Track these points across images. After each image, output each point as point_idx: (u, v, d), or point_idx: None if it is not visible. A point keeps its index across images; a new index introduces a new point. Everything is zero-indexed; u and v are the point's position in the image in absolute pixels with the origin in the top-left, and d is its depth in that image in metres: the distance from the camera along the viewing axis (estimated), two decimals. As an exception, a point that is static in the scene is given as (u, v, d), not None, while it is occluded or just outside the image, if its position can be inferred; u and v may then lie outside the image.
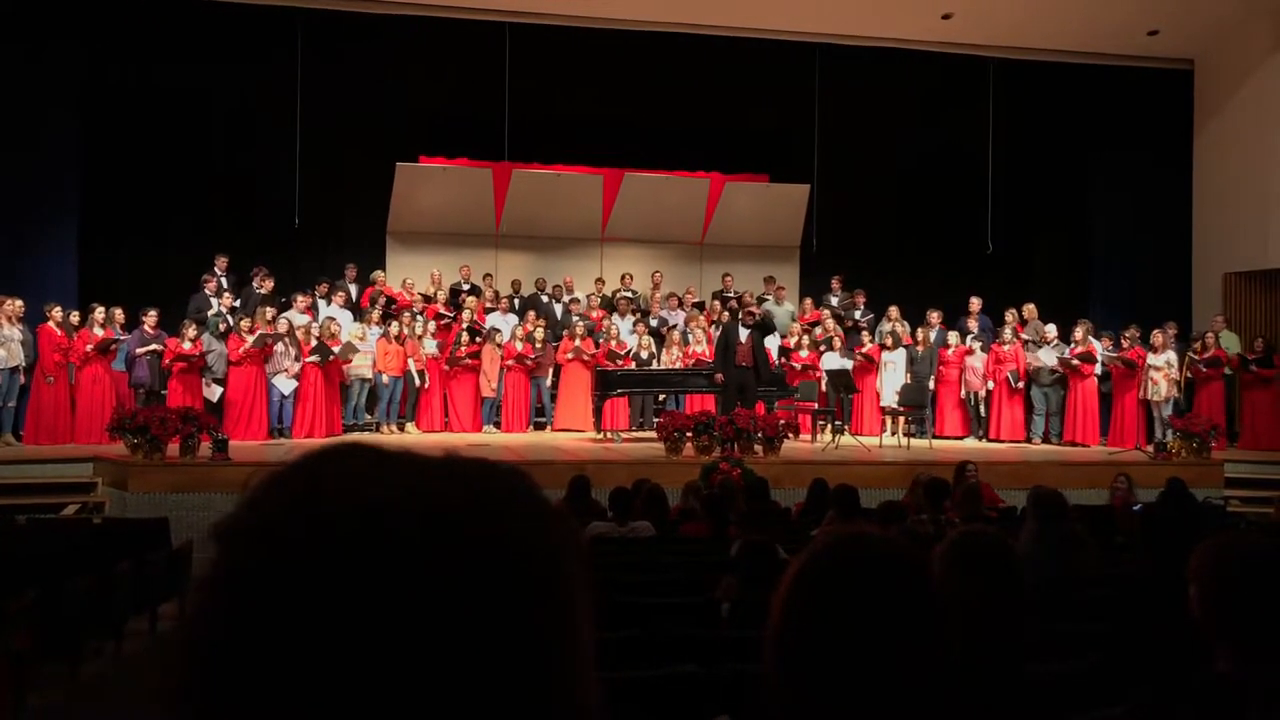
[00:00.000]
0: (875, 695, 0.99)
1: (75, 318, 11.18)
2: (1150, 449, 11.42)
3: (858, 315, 13.92)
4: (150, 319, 11.28)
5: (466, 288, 13.71)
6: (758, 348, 11.21)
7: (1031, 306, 13.42)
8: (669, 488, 6.93)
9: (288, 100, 13.22)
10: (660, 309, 14.06)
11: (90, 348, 10.91)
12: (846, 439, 11.71)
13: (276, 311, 11.62)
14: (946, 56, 14.61)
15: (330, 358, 11.50)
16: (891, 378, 12.82)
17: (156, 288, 12.05)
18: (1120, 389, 12.50)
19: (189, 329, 11.12)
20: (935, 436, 12.56)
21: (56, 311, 10.99)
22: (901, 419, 12.05)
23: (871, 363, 13.07)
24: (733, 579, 4.06)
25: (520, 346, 12.60)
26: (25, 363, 10.86)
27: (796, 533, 5.87)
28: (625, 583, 4.46)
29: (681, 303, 14.06)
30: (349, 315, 12.50)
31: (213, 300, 11.92)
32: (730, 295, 13.99)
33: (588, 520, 6.17)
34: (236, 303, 12.03)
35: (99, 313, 11.14)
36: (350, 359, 11.73)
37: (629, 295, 13.98)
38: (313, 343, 11.50)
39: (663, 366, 12.63)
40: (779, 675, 1.03)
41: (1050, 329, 12.88)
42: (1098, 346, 12.54)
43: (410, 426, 12.43)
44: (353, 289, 13.23)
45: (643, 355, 12.79)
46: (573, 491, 7.01)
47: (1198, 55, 14.98)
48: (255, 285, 12.17)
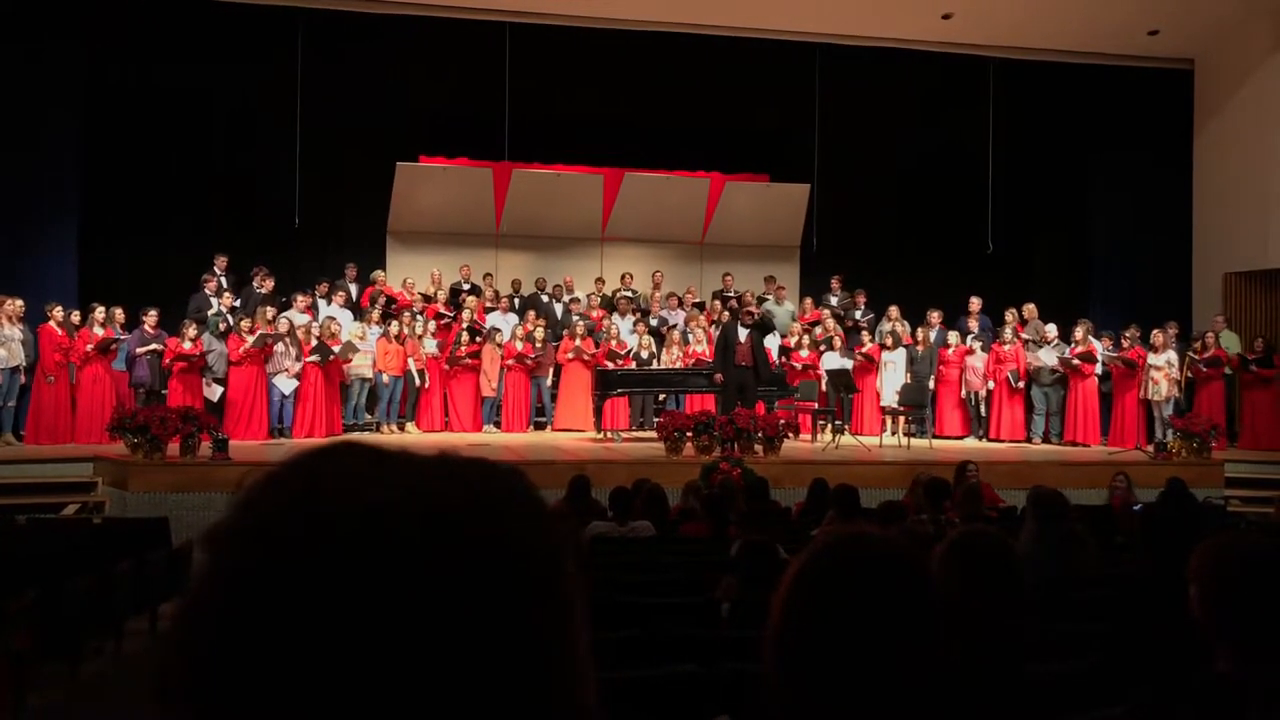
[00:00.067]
0: (875, 695, 0.99)
1: (76, 317, 11.18)
2: (1150, 449, 11.42)
3: (858, 315, 13.93)
4: (150, 319, 11.29)
5: (467, 287, 13.71)
6: (757, 347, 11.21)
7: (1031, 306, 13.41)
8: (669, 488, 6.93)
9: (288, 100, 13.22)
10: (660, 309, 14.06)
11: (91, 347, 10.91)
12: (846, 439, 11.71)
13: (277, 311, 11.62)
14: (946, 56, 14.61)
15: (330, 357, 11.50)
16: (891, 378, 12.81)
17: (156, 288, 12.05)
18: (1120, 389, 12.50)
19: (189, 329, 11.12)
20: (935, 436, 12.55)
21: (57, 311, 10.98)
22: (901, 419, 12.05)
23: (871, 363, 13.06)
24: (733, 579, 4.06)
25: (520, 346, 12.60)
26: (26, 362, 10.87)
27: (796, 533, 5.87)
28: (625, 583, 4.46)
29: (681, 302, 14.05)
30: (349, 315, 12.50)
31: (213, 300, 11.92)
32: (730, 295, 13.98)
33: (588, 520, 6.16)
34: (237, 302, 12.03)
35: (99, 312, 11.14)
36: (350, 359, 11.73)
37: (629, 295, 13.97)
38: (313, 342, 11.50)
39: (663, 366, 12.63)
40: (779, 675, 1.03)
41: (1050, 329, 12.88)
42: (1098, 346, 12.54)
43: (410, 426, 12.43)
44: (353, 289, 13.23)
45: (643, 355, 12.79)
46: (573, 491, 7.01)
47: (1198, 55, 14.97)
48: (255, 285, 12.17)
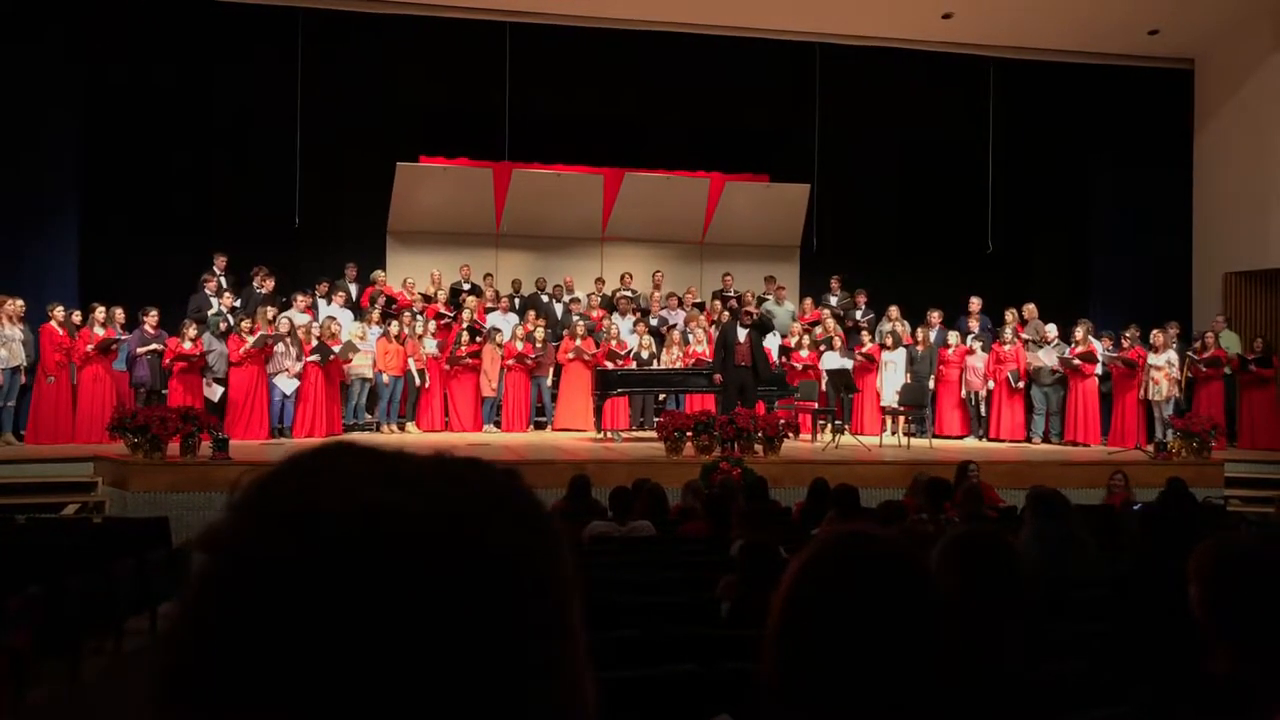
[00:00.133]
0: (875, 695, 0.99)
1: (76, 317, 11.18)
2: (1150, 449, 11.42)
3: (858, 315, 13.93)
4: (151, 319, 11.29)
5: (467, 287, 13.71)
6: (756, 347, 11.21)
7: (1031, 306, 13.41)
8: (669, 487, 6.94)
9: (287, 100, 13.22)
10: (660, 309, 14.06)
11: (91, 347, 10.91)
12: (847, 439, 11.72)
13: (277, 311, 11.63)
14: (946, 56, 14.61)
15: (330, 357, 11.50)
16: (891, 377, 12.81)
17: (156, 288, 12.04)
18: (1120, 389, 12.51)
19: (189, 329, 11.13)
20: (935, 436, 12.56)
21: (58, 311, 10.99)
22: (902, 419, 12.05)
23: (871, 362, 13.06)
24: (733, 579, 4.06)
25: (520, 346, 12.60)
26: (26, 362, 10.87)
27: (797, 532, 5.87)
28: (625, 582, 4.46)
29: (682, 302, 14.05)
30: (349, 315, 12.51)
31: (213, 300, 11.92)
32: (730, 295, 13.97)
33: (588, 520, 6.16)
34: (237, 303, 12.03)
35: (100, 312, 11.14)
36: (350, 359, 11.73)
37: (629, 295, 13.97)
38: (313, 342, 11.50)
39: (663, 366, 12.63)
40: (779, 675, 1.03)
41: (1050, 329, 12.88)
42: (1098, 346, 12.54)
43: (410, 426, 12.43)
44: (353, 289, 13.23)
45: (643, 355, 12.79)
46: (573, 491, 7.01)
47: (1198, 55, 14.97)
48: (255, 285, 12.17)
